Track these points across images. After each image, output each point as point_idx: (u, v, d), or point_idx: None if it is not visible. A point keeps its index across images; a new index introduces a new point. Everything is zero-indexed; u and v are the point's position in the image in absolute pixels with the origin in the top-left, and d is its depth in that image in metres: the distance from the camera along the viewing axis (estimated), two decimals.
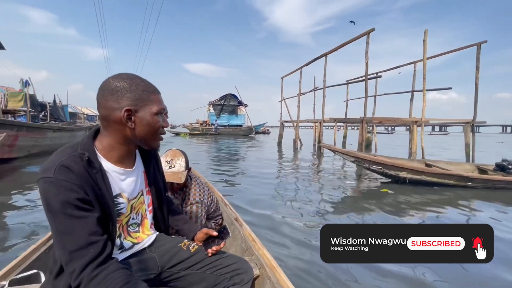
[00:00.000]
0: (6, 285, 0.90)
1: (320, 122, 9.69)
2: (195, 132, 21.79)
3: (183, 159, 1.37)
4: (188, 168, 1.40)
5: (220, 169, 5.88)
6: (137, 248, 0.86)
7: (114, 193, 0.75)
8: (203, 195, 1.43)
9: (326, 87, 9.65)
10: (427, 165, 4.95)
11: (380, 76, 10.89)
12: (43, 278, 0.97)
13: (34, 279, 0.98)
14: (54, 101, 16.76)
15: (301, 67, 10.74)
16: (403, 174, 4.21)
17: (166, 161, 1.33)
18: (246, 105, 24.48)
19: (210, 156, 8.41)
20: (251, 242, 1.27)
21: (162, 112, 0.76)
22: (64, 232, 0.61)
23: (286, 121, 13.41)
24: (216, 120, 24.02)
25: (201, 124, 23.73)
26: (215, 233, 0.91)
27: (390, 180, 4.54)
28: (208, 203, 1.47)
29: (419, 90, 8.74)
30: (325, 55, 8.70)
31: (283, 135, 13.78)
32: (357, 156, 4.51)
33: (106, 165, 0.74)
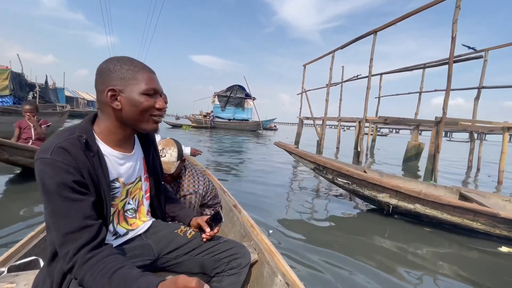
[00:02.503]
0: (5, 272, 0.88)
1: (360, 122, 7.17)
2: (193, 124, 20.07)
3: (175, 149, 1.37)
4: (181, 159, 1.39)
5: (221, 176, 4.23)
6: (132, 234, 0.86)
7: (111, 178, 0.75)
8: (198, 185, 1.43)
9: (374, 75, 7.66)
10: (463, 197, 2.99)
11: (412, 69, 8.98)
12: (41, 264, 0.96)
13: (33, 265, 0.97)
14: (46, 82, 15.33)
15: (334, 51, 8.50)
16: (394, 201, 2.63)
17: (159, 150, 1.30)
18: (254, 98, 22.68)
19: (208, 160, 6.63)
20: (250, 228, 1.28)
21: (150, 91, 0.73)
22: (58, 214, 0.61)
23: (307, 118, 11.01)
24: (211, 111, 22.30)
25: (205, 116, 22.08)
26: (207, 228, 0.90)
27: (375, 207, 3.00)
28: (203, 192, 1.46)
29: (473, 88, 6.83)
30: (375, 32, 6.37)
31: (301, 134, 11.61)
32: (317, 162, 2.93)
33: (105, 148, 0.74)
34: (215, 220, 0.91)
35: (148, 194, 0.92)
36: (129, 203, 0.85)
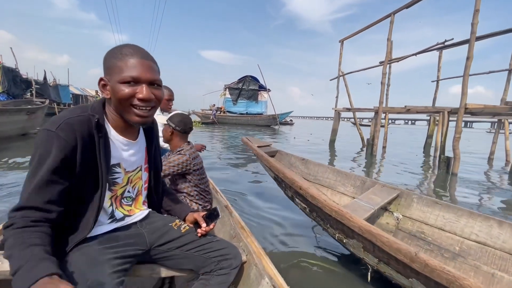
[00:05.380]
0: None
1: (445, 112, 5.07)
2: (203, 121, 18.33)
3: (171, 116, 1.53)
4: (174, 127, 1.51)
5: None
6: (128, 220, 0.85)
7: (113, 162, 0.76)
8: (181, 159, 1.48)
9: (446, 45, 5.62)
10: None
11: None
12: None
13: None
14: (45, 78, 14.32)
15: (393, 13, 6.12)
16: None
17: None
18: (269, 90, 20.55)
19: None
20: (240, 229, 1.26)
21: (128, 79, 0.69)
22: (31, 182, 0.62)
23: (349, 109, 8.61)
24: (214, 105, 20.53)
25: (216, 110, 20.39)
26: (203, 223, 0.90)
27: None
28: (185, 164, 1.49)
29: None
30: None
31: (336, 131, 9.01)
32: (272, 170, 2.09)
33: (111, 132, 0.75)
34: (211, 216, 0.91)
35: (147, 185, 0.92)
36: (128, 191, 0.85)
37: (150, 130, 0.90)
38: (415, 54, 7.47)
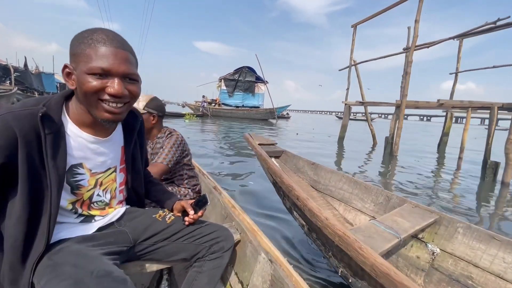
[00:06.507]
0: None
1: (495, 108, 4.38)
2: (182, 113, 17.31)
3: (144, 102, 1.35)
4: (160, 114, 1.40)
5: None
6: (102, 221, 0.79)
7: (74, 162, 0.68)
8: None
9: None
10: None
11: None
12: None
13: None
14: (25, 65, 13.37)
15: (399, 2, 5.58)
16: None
17: None
18: (266, 82, 19.82)
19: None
20: (231, 209, 1.24)
21: (97, 70, 0.60)
22: None
23: (362, 103, 7.54)
24: (203, 96, 19.68)
25: (210, 103, 19.66)
26: (191, 211, 0.86)
27: None
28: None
29: None
30: None
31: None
32: (275, 177, 1.72)
33: (72, 128, 0.67)
34: (199, 203, 0.88)
35: (122, 187, 0.85)
36: (98, 195, 0.76)
37: (130, 126, 0.82)
38: (452, 38, 6.62)
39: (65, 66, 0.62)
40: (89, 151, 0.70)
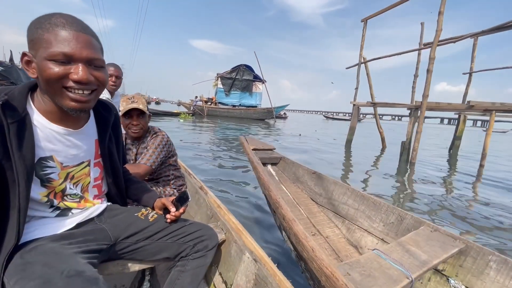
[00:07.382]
0: None
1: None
2: (174, 111, 16.67)
3: (145, 102, 1.34)
4: (148, 114, 1.38)
5: None
6: (81, 216, 0.77)
7: (42, 154, 0.65)
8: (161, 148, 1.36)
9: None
10: None
11: None
12: None
13: None
14: (11, 59, 12.79)
15: None
16: None
17: (128, 99, 1.28)
18: (264, 81, 19.33)
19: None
20: (217, 209, 1.24)
21: (58, 56, 0.57)
22: None
23: (374, 104, 6.68)
24: (196, 97, 19.17)
25: (206, 102, 19.13)
26: (172, 208, 0.84)
27: None
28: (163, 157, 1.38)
29: None
30: None
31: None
32: (263, 188, 1.56)
33: (39, 119, 0.64)
34: (181, 200, 0.86)
35: (98, 182, 0.82)
36: (70, 188, 0.74)
37: (104, 118, 0.79)
38: (471, 36, 5.98)
39: (24, 54, 0.60)
40: (60, 143, 0.67)
